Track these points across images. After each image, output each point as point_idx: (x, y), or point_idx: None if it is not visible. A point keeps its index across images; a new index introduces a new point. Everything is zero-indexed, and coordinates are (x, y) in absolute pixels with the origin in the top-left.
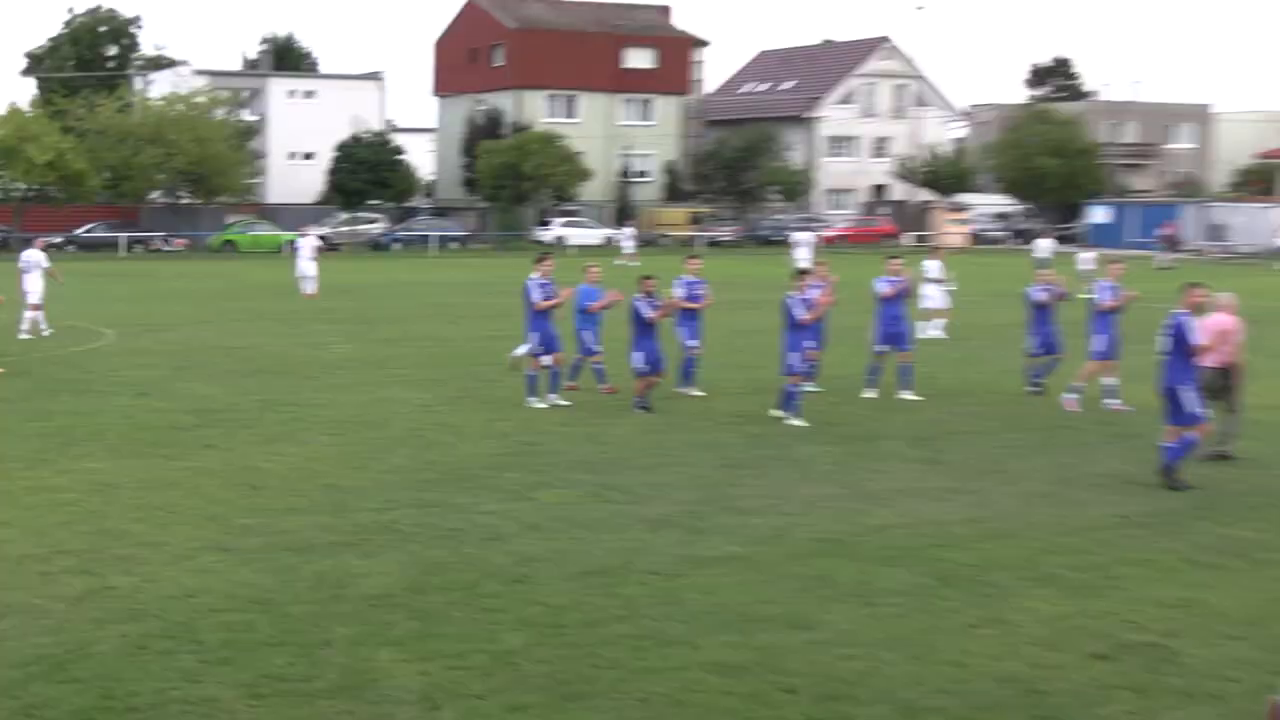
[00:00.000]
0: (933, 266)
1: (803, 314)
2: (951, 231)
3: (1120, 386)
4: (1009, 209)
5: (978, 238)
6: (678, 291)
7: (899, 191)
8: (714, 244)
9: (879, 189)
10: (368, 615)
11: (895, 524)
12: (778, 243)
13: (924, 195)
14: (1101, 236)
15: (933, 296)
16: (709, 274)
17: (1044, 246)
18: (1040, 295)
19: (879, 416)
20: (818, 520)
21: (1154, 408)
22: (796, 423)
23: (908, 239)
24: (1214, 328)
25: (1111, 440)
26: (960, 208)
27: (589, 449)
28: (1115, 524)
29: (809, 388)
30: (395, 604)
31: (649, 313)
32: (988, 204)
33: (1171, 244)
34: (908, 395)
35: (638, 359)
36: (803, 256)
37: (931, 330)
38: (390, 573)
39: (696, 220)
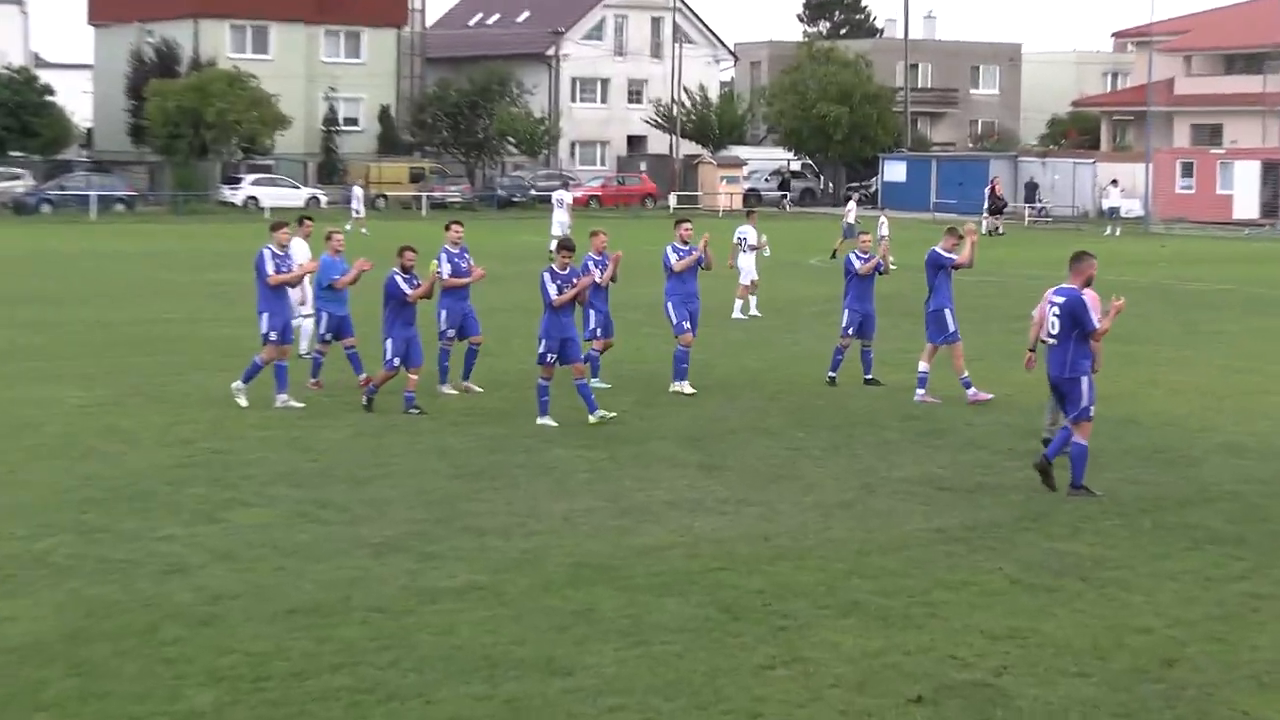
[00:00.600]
0: (749, 233)
1: (554, 294)
2: (724, 191)
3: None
4: (791, 165)
5: (756, 198)
6: (443, 268)
7: (659, 144)
8: (440, 206)
9: (636, 141)
10: (14, 672)
11: (668, 544)
12: (518, 204)
13: (690, 149)
14: (896, 197)
15: (748, 269)
16: (433, 243)
17: (852, 210)
18: (860, 265)
19: (647, 414)
20: (575, 541)
21: (966, 399)
22: (546, 422)
23: (672, 200)
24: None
25: (918, 438)
26: (735, 163)
27: (294, 458)
28: (929, 539)
29: (597, 384)
30: (50, 656)
31: (407, 291)
32: (764, 158)
33: (996, 205)
34: (683, 388)
35: (389, 347)
36: (563, 221)
37: (741, 310)
38: (43, 617)
39: (418, 178)
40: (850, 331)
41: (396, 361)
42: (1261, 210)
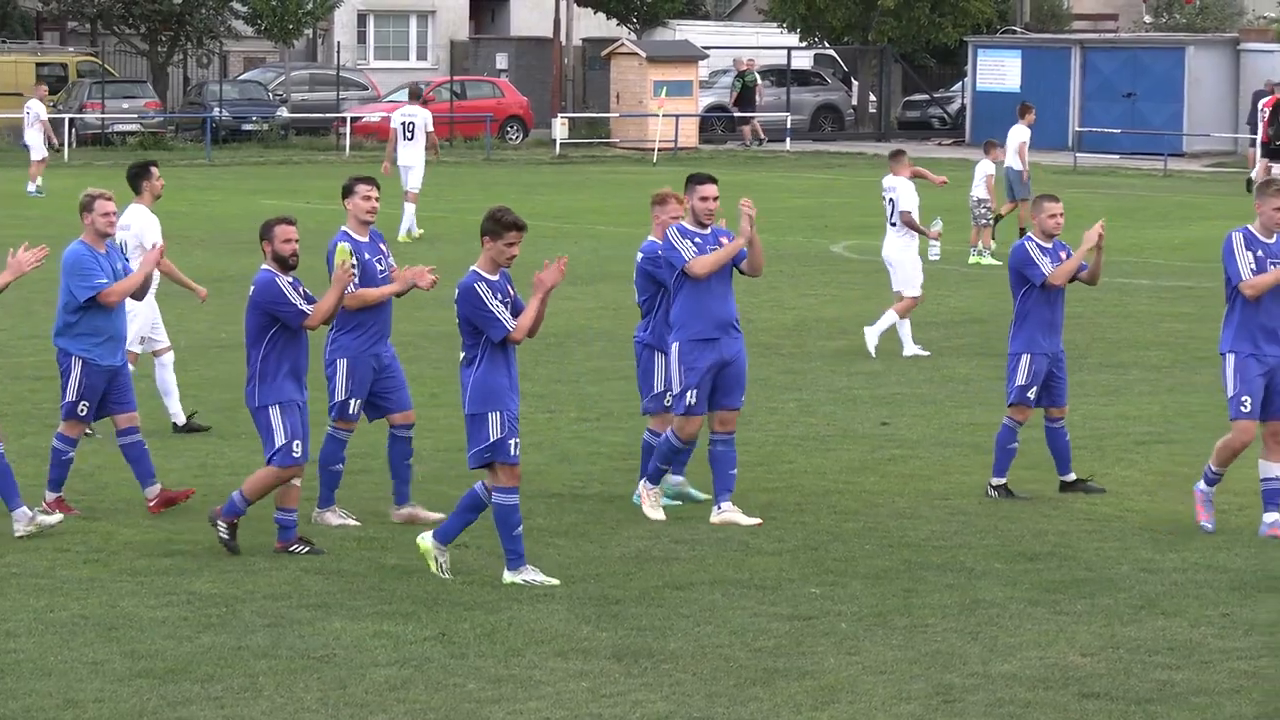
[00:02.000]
0: (901, 191)
1: (506, 321)
2: (663, 110)
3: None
4: (791, 57)
5: (728, 122)
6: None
7: (533, 17)
8: (100, 140)
9: (486, 12)
10: None
11: None
12: (256, 137)
13: (594, 27)
14: (1001, 119)
15: (906, 268)
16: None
17: (1023, 139)
18: (1049, 265)
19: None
20: None
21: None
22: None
23: (558, 129)
24: None
25: (1041, 597)
26: (684, 56)
27: None
28: None
29: (690, 491)
30: None
31: (303, 307)
32: (740, 47)
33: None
34: (653, 507)
35: (275, 421)
36: (411, 164)
37: (907, 346)
38: None
39: (55, 85)
40: (1030, 393)
41: (298, 449)
42: None
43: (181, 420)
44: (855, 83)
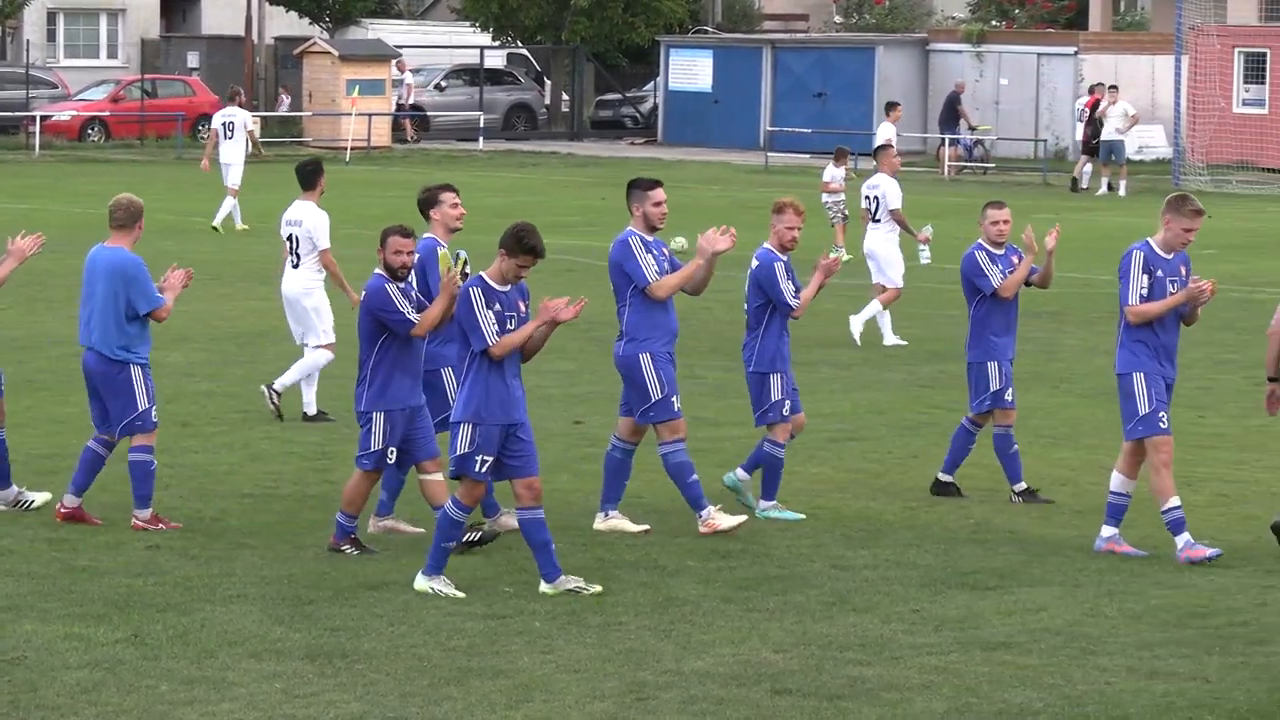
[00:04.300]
0: (885, 189)
1: (490, 334)
2: (357, 110)
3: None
4: (484, 57)
5: (421, 121)
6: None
7: (225, 15)
8: None
9: (178, 9)
10: None
11: None
12: None
13: (288, 26)
14: (693, 119)
15: (885, 258)
16: None
17: (882, 139)
18: (998, 275)
19: (213, 551)
20: None
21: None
22: (441, 588)
23: (246, 122)
24: None
25: (734, 594)
26: (377, 55)
27: None
28: None
29: (778, 512)
30: None
31: (410, 315)
32: (435, 45)
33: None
34: (618, 522)
35: (377, 427)
36: (234, 161)
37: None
38: None
39: None
40: (1008, 394)
41: (392, 455)
42: None
43: (313, 410)
44: (548, 82)
